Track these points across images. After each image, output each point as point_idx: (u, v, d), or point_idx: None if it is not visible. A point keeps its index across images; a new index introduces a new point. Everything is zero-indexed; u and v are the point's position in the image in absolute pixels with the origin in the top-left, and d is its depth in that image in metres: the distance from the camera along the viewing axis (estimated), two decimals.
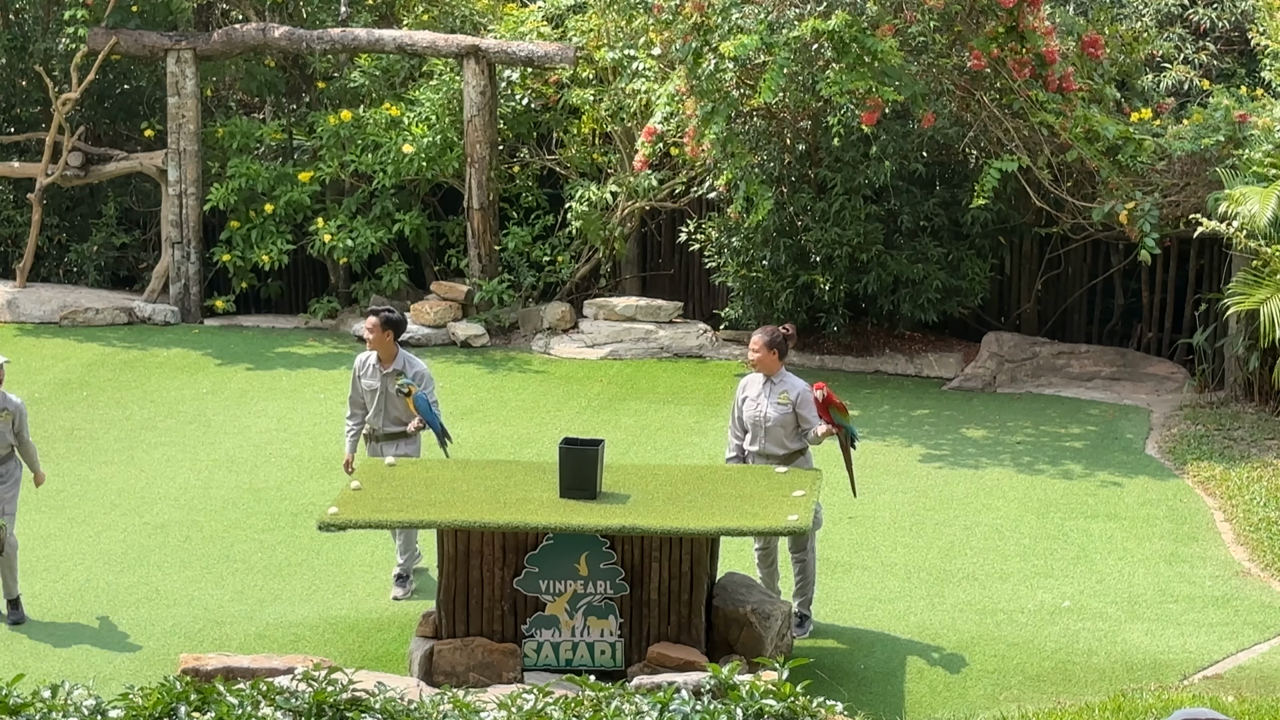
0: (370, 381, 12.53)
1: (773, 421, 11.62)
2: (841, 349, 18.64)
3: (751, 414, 11.70)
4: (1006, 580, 12.84)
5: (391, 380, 12.43)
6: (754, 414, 11.69)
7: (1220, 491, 14.70)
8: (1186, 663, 11.43)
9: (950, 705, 10.84)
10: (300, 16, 20.72)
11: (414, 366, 12.50)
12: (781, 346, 11.73)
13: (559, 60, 19.16)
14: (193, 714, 7.01)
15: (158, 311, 20.01)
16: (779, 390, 11.68)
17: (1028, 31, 16.37)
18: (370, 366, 12.56)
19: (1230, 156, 16.41)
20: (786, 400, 11.65)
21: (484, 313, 19.47)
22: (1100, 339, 19.16)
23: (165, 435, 16.01)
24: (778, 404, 11.65)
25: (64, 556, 13.05)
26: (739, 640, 10.93)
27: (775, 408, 11.64)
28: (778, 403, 11.65)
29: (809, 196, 18.02)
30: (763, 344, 11.70)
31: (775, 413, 11.63)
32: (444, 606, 10.86)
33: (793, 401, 11.63)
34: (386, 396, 12.47)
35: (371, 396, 12.51)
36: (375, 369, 12.53)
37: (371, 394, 12.51)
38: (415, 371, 12.46)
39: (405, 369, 12.46)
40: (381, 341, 12.47)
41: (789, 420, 11.65)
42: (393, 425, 12.51)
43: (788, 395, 11.65)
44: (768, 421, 11.64)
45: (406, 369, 12.46)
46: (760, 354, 11.71)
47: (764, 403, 11.67)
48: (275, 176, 19.99)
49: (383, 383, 12.48)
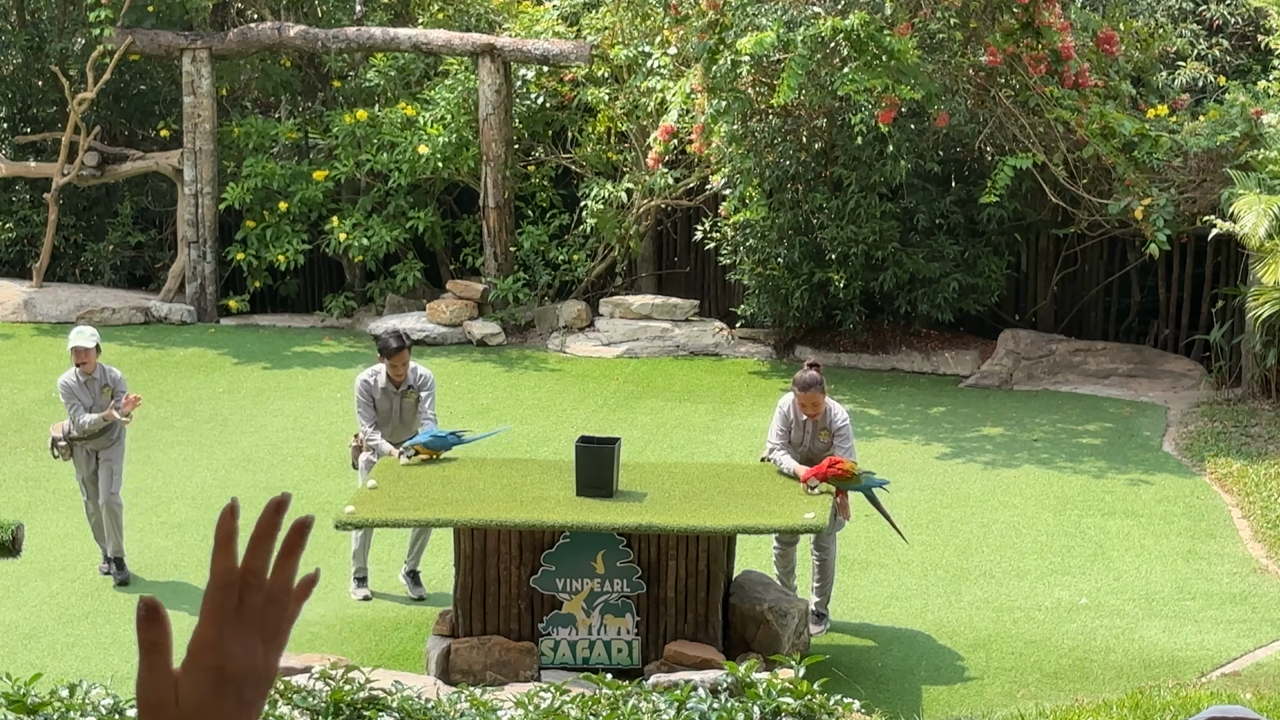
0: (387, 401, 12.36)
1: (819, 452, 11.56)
2: (858, 347, 18.63)
3: (804, 444, 11.58)
4: (1024, 577, 12.82)
5: (407, 396, 12.29)
6: (804, 446, 11.57)
7: (1238, 488, 14.67)
8: (1204, 660, 11.41)
9: (967, 703, 10.83)
10: (316, 15, 20.74)
11: (420, 372, 12.44)
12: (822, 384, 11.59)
13: (574, 58, 19.16)
14: None
15: (174, 311, 20.03)
16: (821, 427, 11.55)
17: (1043, 27, 16.35)
18: (380, 389, 12.34)
19: (1246, 153, 16.37)
20: (827, 436, 11.56)
21: (500, 311, 19.47)
22: (1117, 336, 19.13)
23: (182, 434, 16.02)
24: (821, 443, 11.54)
25: (81, 556, 13.06)
26: (756, 638, 10.92)
27: (819, 442, 11.54)
28: (821, 442, 11.54)
29: (825, 194, 18.01)
30: (818, 394, 11.47)
31: (821, 445, 11.55)
32: (461, 605, 10.86)
33: (832, 432, 11.54)
34: (402, 412, 12.38)
35: (388, 415, 12.37)
36: (387, 390, 12.31)
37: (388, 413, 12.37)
38: (421, 376, 12.40)
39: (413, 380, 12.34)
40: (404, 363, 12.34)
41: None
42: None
43: (827, 430, 11.56)
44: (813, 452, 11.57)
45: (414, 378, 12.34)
46: (820, 404, 11.48)
47: (808, 436, 11.55)
48: (290, 175, 20.01)
49: (399, 399, 12.34)
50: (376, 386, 12.31)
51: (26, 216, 21.02)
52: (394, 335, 12.32)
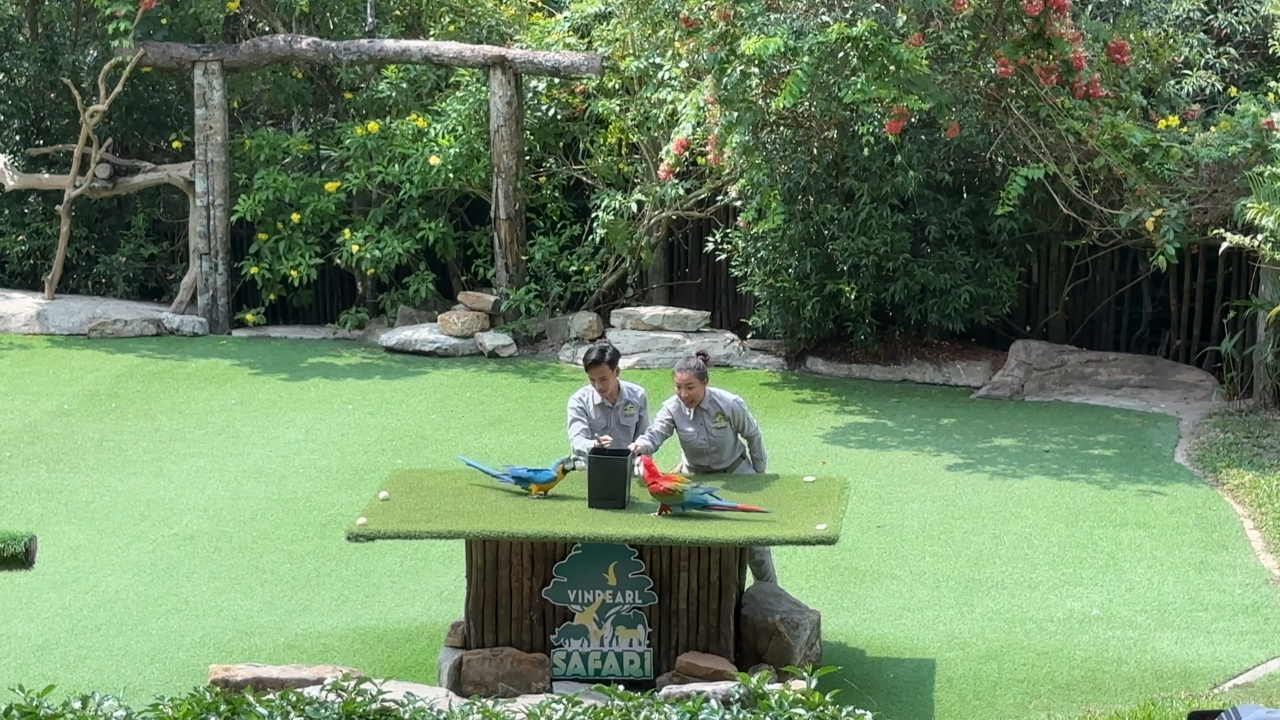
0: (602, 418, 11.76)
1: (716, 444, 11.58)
2: (869, 358, 18.62)
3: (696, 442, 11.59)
4: (1036, 589, 12.81)
5: (621, 412, 11.71)
6: (699, 442, 11.58)
7: (1250, 499, 14.65)
8: (1217, 671, 11.40)
9: (980, 714, 10.82)
10: (327, 28, 20.78)
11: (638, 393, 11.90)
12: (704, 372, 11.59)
13: (585, 70, 19.18)
14: None
15: (186, 323, 20.06)
16: (713, 414, 11.57)
17: (1054, 38, 16.34)
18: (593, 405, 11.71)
19: (1258, 163, 16.35)
20: (723, 421, 11.58)
21: (511, 323, 19.48)
22: (1128, 347, 19.11)
23: (194, 446, 16.04)
24: (717, 428, 11.57)
25: (93, 567, 13.08)
26: (768, 649, 10.93)
27: (716, 431, 11.57)
28: (717, 427, 11.57)
29: (835, 206, 18.01)
30: (694, 377, 11.48)
31: (716, 434, 11.57)
32: (472, 617, 10.87)
33: (728, 418, 11.58)
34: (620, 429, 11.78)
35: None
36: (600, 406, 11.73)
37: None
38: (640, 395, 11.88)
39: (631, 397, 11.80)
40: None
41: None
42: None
43: (722, 415, 11.57)
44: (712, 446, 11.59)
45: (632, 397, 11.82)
46: (695, 387, 11.46)
47: (704, 429, 11.56)
48: (302, 188, 20.04)
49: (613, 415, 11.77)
50: (589, 403, 11.71)
51: (39, 229, 21.05)
52: (595, 349, 11.65)
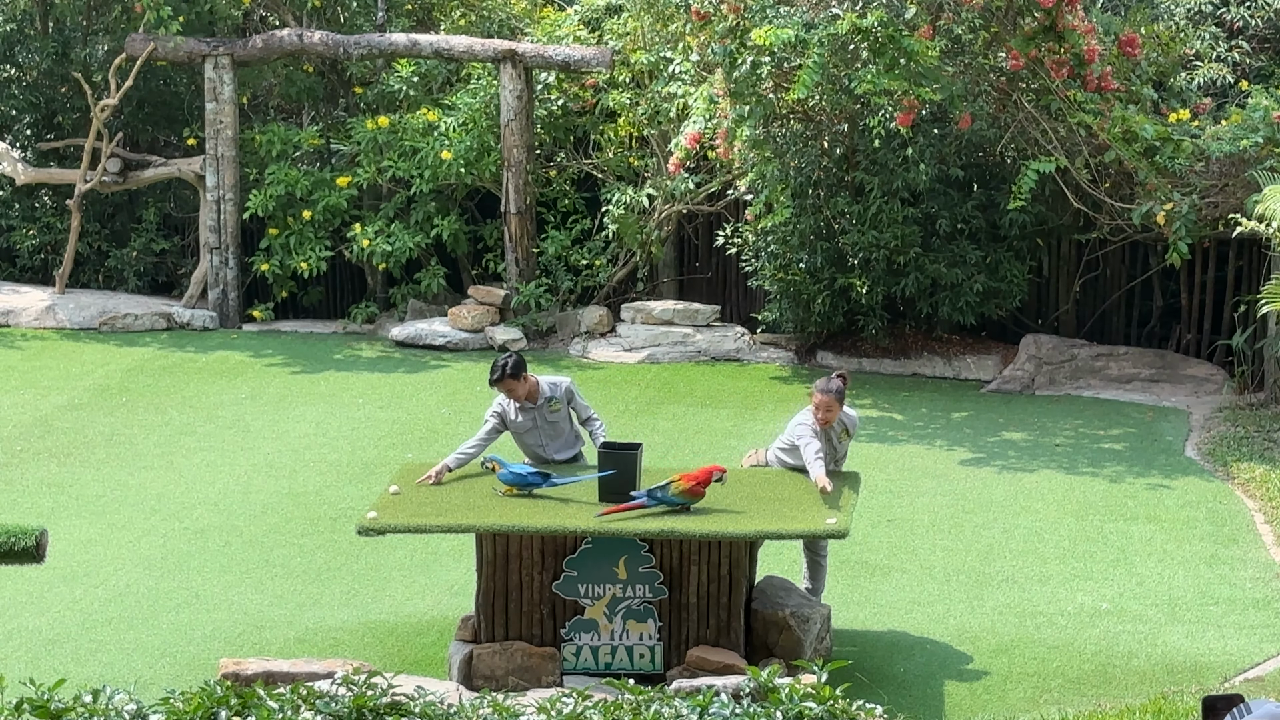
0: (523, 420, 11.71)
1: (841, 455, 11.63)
2: (880, 352, 18.61)
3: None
4: (1046, 583, 12.80)
5: (546, 409, 11.64)
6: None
7: (1260, 493, 14.64)
8: (1227, 665, 11.38)
9: (990, 708, 10.82)
10: (338, 22, 20.78)
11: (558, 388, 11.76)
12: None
13: (595, 64, 19.17)
14: (233, 718, 7.03)
15: (196, 317, 20.08)
16: (838, 431, 11.56)
17: (1066, 30, 16.32)
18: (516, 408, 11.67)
19: (1270, 157, 16.32)
20: (846, 437, 11.62)
21: (522, 317, 19.49)
22: (1139, 341, 19.10)
23: (204, 440, 16.06)
24: (840, 443, 11.58)
25: (104, 561, 13.09)
26: (778, 643, 10.92)
27: (839, 445, 11.58)
28: (840, 442, 11.57)
29: (846, 199, 18.00)
30: (834, 400, 11.38)
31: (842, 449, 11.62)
32: (483, 610, 10.87)
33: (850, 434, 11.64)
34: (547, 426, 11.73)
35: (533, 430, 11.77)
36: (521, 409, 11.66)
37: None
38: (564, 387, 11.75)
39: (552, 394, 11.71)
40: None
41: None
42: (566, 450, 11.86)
43: (846, 431, 11.60)
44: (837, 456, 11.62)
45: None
46: (834, 410, 11.37)
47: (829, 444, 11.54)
48: (313, 182, 20.05)
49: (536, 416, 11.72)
50: (510, 407, 11.67)
51: (50, 223, 21.08)
52: (494, 368, 11.54)
